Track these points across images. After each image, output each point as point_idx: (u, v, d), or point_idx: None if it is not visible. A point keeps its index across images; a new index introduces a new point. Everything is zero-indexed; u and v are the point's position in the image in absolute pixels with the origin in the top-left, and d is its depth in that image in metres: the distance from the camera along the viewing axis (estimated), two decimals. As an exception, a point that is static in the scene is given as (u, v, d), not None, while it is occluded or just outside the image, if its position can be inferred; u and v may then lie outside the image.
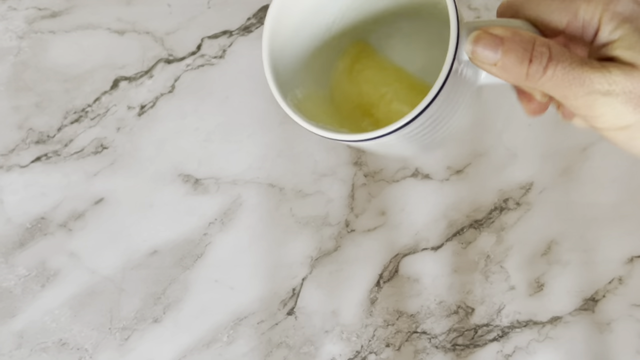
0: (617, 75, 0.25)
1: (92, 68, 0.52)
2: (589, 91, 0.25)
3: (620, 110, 0.25)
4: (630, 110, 0.25)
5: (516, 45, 0.25)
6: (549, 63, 0.25)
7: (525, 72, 0.25)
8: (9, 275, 0.48)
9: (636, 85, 0.25)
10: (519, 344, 0.47)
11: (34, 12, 0.54)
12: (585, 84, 0.25)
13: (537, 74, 0.25)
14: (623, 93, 0.25)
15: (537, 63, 0.25)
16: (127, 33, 0.53)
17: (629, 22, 0.26)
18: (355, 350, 0.47)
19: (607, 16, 0.26)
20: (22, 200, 0.50)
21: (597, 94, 0.25)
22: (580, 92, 0.25)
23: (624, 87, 0.25)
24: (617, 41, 0.26)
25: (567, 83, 0.25)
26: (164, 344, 0.47)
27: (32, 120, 0.51)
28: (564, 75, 0.25)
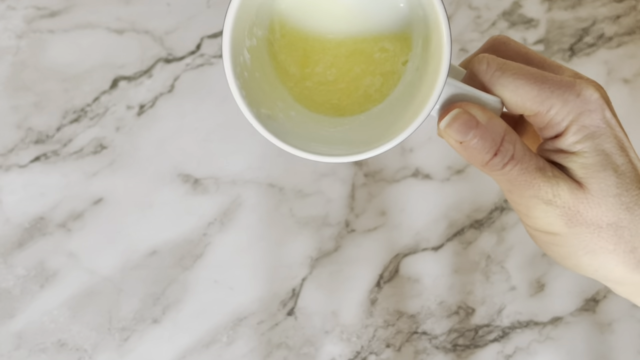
0: (564, 190, 0.26)
1: (91, 67, 0.52)
2: (533, 195, 0.26)
3: (553, 220, 0.27)
4: (562, 224, 0.26)
5: (488, 134, 0.26)
6: (509, 161, 0.26)
7: (485, 161, 0.26)
8: (8, 275, 0.48)
9: (577, 205, 0.26)
10: (520, 345, 0.47)
11: (32, 12, 0.54)
12: (533, 189, 0.26)
13: (496, 167, 0.26)
14: (562, 207, 0.26)
15: (499, 158, 0.26)
16: (126, 32, 0.53)
17: (591, 139, 0.27)
18: (356, 351, 0.47)
19: (574, 127, 0.27)
20: (20, 200, 0.50)
21: (540, 200, 0.26)
22: (525, 194, 0.26)
23: (564, 202, 0.26)
24: (574, 155, 0.27)
25: (517, 182, 0.26)
26: (163, 345, 0.47)
27: (31, 120, 0.51)
28: (518, 175, 0.26)
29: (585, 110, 0.27)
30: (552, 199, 0.26)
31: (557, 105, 0.27)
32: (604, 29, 0.52)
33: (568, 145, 0.27)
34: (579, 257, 0.27)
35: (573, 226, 0.26)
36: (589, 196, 0.26)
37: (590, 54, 0.52)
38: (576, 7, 0.52)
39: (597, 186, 0.26)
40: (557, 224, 0.27)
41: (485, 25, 0.52)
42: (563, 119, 0.27)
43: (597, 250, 0.27)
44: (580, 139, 0.26)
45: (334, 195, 0.49)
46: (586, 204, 0.26)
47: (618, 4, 0.53)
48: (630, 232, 0.26)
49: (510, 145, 0.26)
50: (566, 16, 0.52)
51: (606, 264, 0.27)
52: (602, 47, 0.52)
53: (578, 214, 0.26)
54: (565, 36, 0.52)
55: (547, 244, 0.28)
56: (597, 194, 0.26)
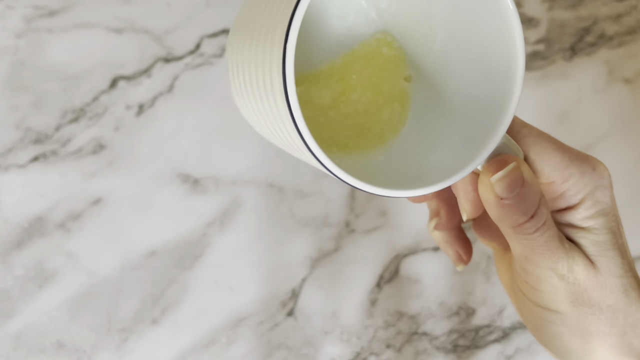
0: (579, 266, 0.25)
1: (90, 67, 0.52)
2: (550, 267, 0.25)
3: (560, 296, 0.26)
4: (568, 302, 0.25)
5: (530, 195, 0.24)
6: (542, 227, 0.25)
7: (519, 223, 0.25)
8: (6, 276, 0.48)
9: (586, 283, 0.25)
10: (520, 345, 0.46)
11: (31, 11, 0.54)
12: (551, 260, 0.25)
13: (528, 230, 0.25)
14: (573, 284, 0.25)
15: (534, 222, 0.25)
16: (125, 32, 0.53)
17: (603, 216, 0.26)
18: (356, 352, 0.46)
19: (589, 202, 0.26)
20: (19, 200, 0.50)
21: (554, 274, 0.25)
22: (542, 264, 0.25)
23: (577, 279, 0.25)
24: (586, 230, 0.26)
25: (539, 251, 0.25)
26: (163, 345, 0.47)
27: (29, 119, 0.51)
28: (544, 243, 0.25)
29: (600, 186, 0.26)
30: (566, 274, 0.25)
31: (575, 176, 0.26)
32: (605, 28, 0.52)
33: (579, 220, 0.26)
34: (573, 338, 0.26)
35: (578, 305, 0.26)
36: (599, 275, 0.25)
37: (591, 54, 0.52)
38: (577, 7, 0.52)
39: (606, 265, 0.26)
40: (562, 302, 0.26)
41: (485, 24, 0.52)
42: (579, 192, 0.26)
43: (593, 333, 0.26)
44: (592, 214, 0.26)
45: (334, 195, 0.49)
46: (595, 283, 0.25)
47: (619, 4, 0.52)
48: (624, 315, 0.26)
49: (545, 209, 0.25)
50: (567, 15, 0.52)
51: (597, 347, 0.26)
52: (603, 47, 0.52)
53: (585, 292, 0.25)
54: (566, 35, 0.52)
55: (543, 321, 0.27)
56: (605, 274, 0.26)
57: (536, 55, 0.52)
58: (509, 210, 0.24)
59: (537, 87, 0.53)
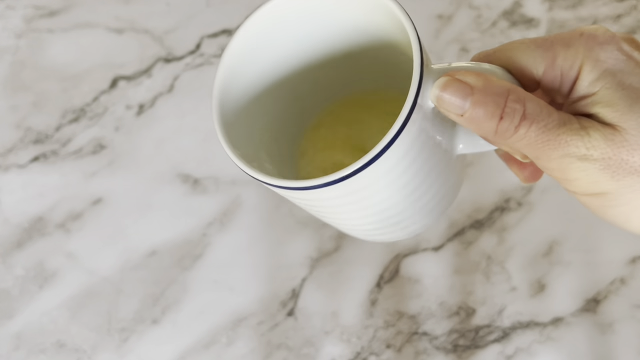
0: (597, 139, 0.23)
1: (91, 67, 0.52)
2: (563, 154, 0.23)
3: (596, 177, 0.23)
4: (608, 178, 0.23)
5: (487, 97, 0.23)
6: (521, 121, 0.23)
7: (494, 129, 0.23)
8: (7, 276, 0.48)
9: (616, 151, 0.22)
10: (520, 345, 0.46)
11: (32, 11, 0.54)
12: (560, 147, 0.23)
13: (508, 132, 0.23)
14: (602, 159, 0.23)
15: (508, 120, 0.23)
16: (125, 32, 0.53)
17: (611, 74, 0.23)
18: (356, 352, 0.46)
19: (588, 65, 0.23)
20: (19, 200, 0.50)
21: (573, 158, 0.23)
22: (553, 155, 0.23)
23: (602, 153, 0.22)
24: (596, 95, 0.23)
25: (541, 144, 0.23)
26: (163, 345, 0.47)
27: (30, 119, 0.51)
28: (538, 135, 0.23)
29: (595, 45, 0.23)
30: (586, 152, 0.22)
31: (560, 52, 0.24)
32: (605, 28, 0.52)
33: (587, 88, 0.23)
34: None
35: (621, 178, 0.23)
36: (629, 137, 0.22)
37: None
38: (577, 7, 0.52)
39: (635, 122, 0.22)
40: (602, 181, 0.23)
41: (485, 24, 0.52)
42: (573, 62, 0.23)
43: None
44: (598, 75, 0.23)
45: (334, 195, 0.49)
46: (628, 147, 0.22)
47: (619, 4, 0.52)
48: None
49: (518, 104, 0.23)
50: (567, 16, 0.52)
51: None
52: (603, 47, 0.52)
53: (622, 162, 0.22)
54: (566, 36, 0.52)
55: (602, 207, 0.24)
56: (635, 133, 0.22)
57: (536, 55, 0.52)
58: (476, 121, 0.23)
59: (537, 87, 0.53)
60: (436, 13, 0.52)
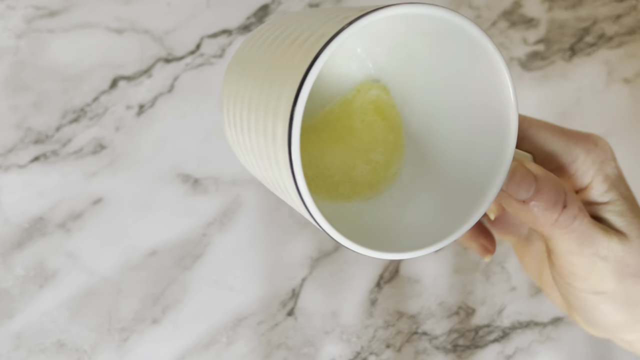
0: (616, 243, 0.25)
1: (91, 67, 0.52)
2: (593, 252, 0.25)
3: (605, 277, 0.25)
4: (613, 280, 0.25)
5: (551, 187, 0.24)
6: (579, 214, 0.24)
7: (554, 218, 0.24)
8: (7, 276, 0.48)
9: (626, 256, 0.25)
10: (520, 345, 0.46)
11: (32, 11, 0.54)
12: (594, 245, 0.25)
13: (567, 222, 0.24)
14: (614, 262, 0.25)
15: (570, 211, 0.24)
16: (125, 32, 0.53)
17: (616, 188, 0.26)
18: (356, 351, 0.46)
19: (600, 177, 0.26)
20: (20, 200, 0.50)
21: (597, 257, 0.25)
22: (587, 252, 0.25)
23: (616, 256, 0.25)
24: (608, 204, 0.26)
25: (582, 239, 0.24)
26: (163, 345, 0.47)
27: (30, 119, 0.51)
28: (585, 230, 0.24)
29: (605, 160, 0.26)
30: (606, 254, 0.25)
31: (581, 155, 0.26)
32: (605, 28, 0.52)
33: (598, 196, 0.26)
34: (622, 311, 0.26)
35: (622, 280, 0.25)
36: (633, 245, 0.25)
37: (591, 54, 0.52)
38: (577, 7, 0.52)
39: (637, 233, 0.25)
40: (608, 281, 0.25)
41: (485, 24, 0.52)
42: (588, 169, 0.26)
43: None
44: (607, 187, 0.26)
45: (334, 195, 0.49)
46: (632, 253, 0.25)
47: (619, 4, 0.52)
48: None
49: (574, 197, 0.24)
50: (567, 16, 0.52)
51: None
52: (602, 47, 0.52)
53: (627, 266, 0.25)
54: (566, 36, 0.52)
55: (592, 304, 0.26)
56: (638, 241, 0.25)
57: (536, 55, 0.52)
58: (538, 209, 0.24)
59: (537, 87, 0.53)
60: (436, 13, 0.52)
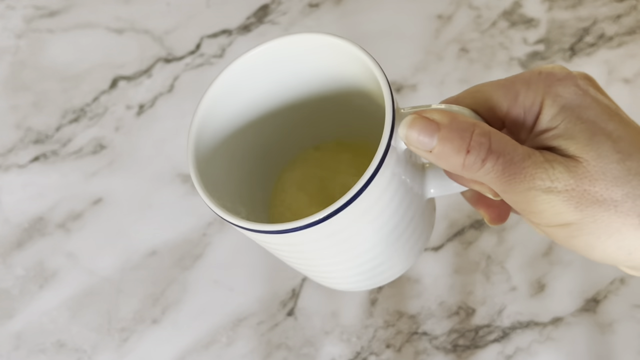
0: (560, 171, 0.23)
1: (91, 67, 0.52)
2: (528, 187, 0.23)
3: (560, 209, 0.24)
4: (572, 209, 0.23)
5: (453, 132, 0.23)
6: (488, 155, 0.23)
7: (461, 163, 0.23)
8: (7, 275, 0.48)
9: (579, 183, 0.23)
10: (520, 345, 0.46)
11: (32, 11, 0.54)
12: (525, 180, 0.23)
13: (475, 165, 0.23)
14: (565, 191, 0.23)
15: (474, 154, 0.23)
16: (125, 32, 0.53)
17: (570, 109, 0.24)
18: (356, 351, 0.46)
19: (548, 100, 0.24)
20: (20, 200, 0.50)
21: (538, 191, 0.23)
22: (519, 188, 0.24)
23: (566, 185, 0.23)
24: (557, 129, 0.24)
25: (507, 177, 0.24)
26: (163, 345, 0.47)
27: (30, 119, 0.51)
28: (504, 169, 0.23)
29: (553, 82, 0.24)
30: (550, 185, 0.23)
31: (522, 90, 0.25)
32: (605, 28, 0.52)
33: (548, 122, 0.24)
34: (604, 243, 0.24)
35: (584, 208, 0.23)
36: (590, 168, 0.23)
37: (591, 54, 0.52)
38: (577, 7, 0.52)
39: (595, 153, 0.23)
40: (566, 212, 0.23)
41: (485, 24, 0.52)
42: (534, 99, 0.25)
43: (621, 229, 0.23)
44: (558, 110, 0.24)
45: (334, 195, 0.49)
46: (589, 177, 0.23)
47: (619, 4, 0.52)
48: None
49: (484, 137, 0.23)
50: (567, 16, 0.52)
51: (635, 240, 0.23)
52: (602, 47, 0.52)
53: (585, 192, 0.23)
54: (566, 36, 0.52)
55: (567, 238, 0.25)
56: (597, 163, 0.23)
57: (536, 55, 0.52)
58: (443, 156, 0.24)
59: (537, 87, 0.53)
60: (436, 13, 0.52)
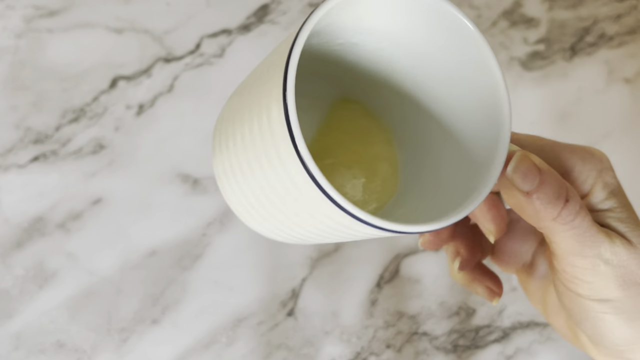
0: (619, 246, 0.24)
1: (90, 67, 0.52)
2: (596, 254, 0.24)
3: (609, 283, 0.24)
4: (617, 286, 0.24)
5: (553, 180, 0.23)
6: (580, 211, 0.24)
7: (556, 212, 0.23)
8: (6, 276, 0.48)
9: (630, 262, 0.24)
10: (521, 345, 0.46)
11: (31, 11, 0.54)
12: (595, 246, 0.24)
13: (569, 217, 0.24)
14: (619, 267, 0.24)
15: (572, 206, 0.24)
16: (125, 32, 0.53)
17: (616, 195, 0.26)
18: (356, 352, 0.46)
19: (599, 184, 0.26)
20: (19, 200, 0.50)
21: (600, 260, 0.24)
22: (588, 252, 0.24)
23: (620, 261, 0.24)
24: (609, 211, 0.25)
25: (584, 238, 0.24)
26: (163, 345, 0.47)
27: (29, 119, 0.51)
28: (587, 228, 0.24)
29: (603, 168, 0.26)
30: (610, 257, 0.24)
31: (578, 164, 0.26)
32: (605, 28, 0.52)
33: (599, 203, 0.26)
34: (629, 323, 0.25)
35: (627, 288, 0.24)
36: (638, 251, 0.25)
37: (591, 54, 0.52)
38: (577, 7, 0.52)
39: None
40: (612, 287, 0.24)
41: (485, 24, 0.52)
42: (587, 177, 0.26)
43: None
44: (607, 195, 0.26)
45: (334, 195, 0.49)
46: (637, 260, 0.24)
47: (619, 4, 0.52)
48: None
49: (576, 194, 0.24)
50: (567, 15, 0.52)
51: None
52: (603, 47, 0.52)
53: (631, 273, 0.24)
54: (566, 35, 0.52)
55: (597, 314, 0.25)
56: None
57: (536, 55, 0.52)
58: (541, 202, 0.23)
59: (537, 87, 0.53)
60: (436, 13, 0.52)
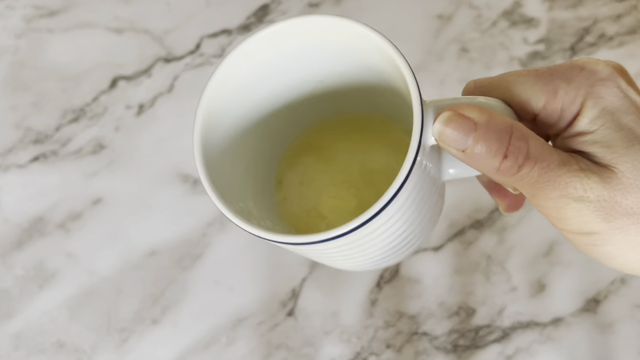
0: (594, 181, 0.23)
1: (90, 67, 0.52)
2: (561, 194, 0.23)
3: (588, 218, 0.23)
4: (600, 220, 0.23)
5: (490, 134, 0.22)
6: (525, 161, 0.22)
7: (496, 166, 0.22)
8: (6, 276, 0.48)
9: (611, 194, 0.22)
10: (521, 345, 0.46)
11: (31, 11, 0.54)
12: (559, 188, 0.23)
13: (510, 170, 0.22)
14: (597, 201, 0.23)
15: (512, 159, 0.22)
16: (125, 32, 0.53)
17: (609, 113, 0.23)
18: (356, 352, 0.46)
19: (590, 101, 0.23)
20: (19, 200, 0.50)
21: (569, 199, 0.23)
22: (551, 195, 0.23)
23: (598, 195, 0.23)
24: (594, 134, 0.23)
25: (541, 184, 0.23)
26: (163, 346, 0.47)
27: (29, 119, 0.51)
28: (540, 176, 0.22)
29: (596, 81, 0.23)
30: (583, 194, 0.22)
31: (562, 86, 0.23)
32: (605, 28, 0.52)
33: (586, 124, 0.23)
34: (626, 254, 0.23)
35: (612, 220, 0.23)
36: (624, 179, 0.22)
37: (591, 54, 0.52)
38: (577, 7, 0.52)
39: (630, 165, 0.22)
40: (593, 222, 0.23)
41: (485, 24, 0.52)
42: (575, 97, 0.23)
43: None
44: (598, 113, 0.23)
45: (334, 195, 0.49)
46: (622, 190, 0.22)
47: (619, 4, 0.52)
48: None
49: (522, 142, 0.22)
50: (567, 15, 0.52)
51: None
52: (603, 47, 0.52)
53: (616, 204, 0.22)
54: (566, 36, 0.52)
55: (588, 245, 0.24)
56: (631, 176, 0.22)
57: (536, 55, 0.52)
58: (478, 158, 0.22)
59: (537, 87, 0.53)
60: (436, 13, 0.52)
